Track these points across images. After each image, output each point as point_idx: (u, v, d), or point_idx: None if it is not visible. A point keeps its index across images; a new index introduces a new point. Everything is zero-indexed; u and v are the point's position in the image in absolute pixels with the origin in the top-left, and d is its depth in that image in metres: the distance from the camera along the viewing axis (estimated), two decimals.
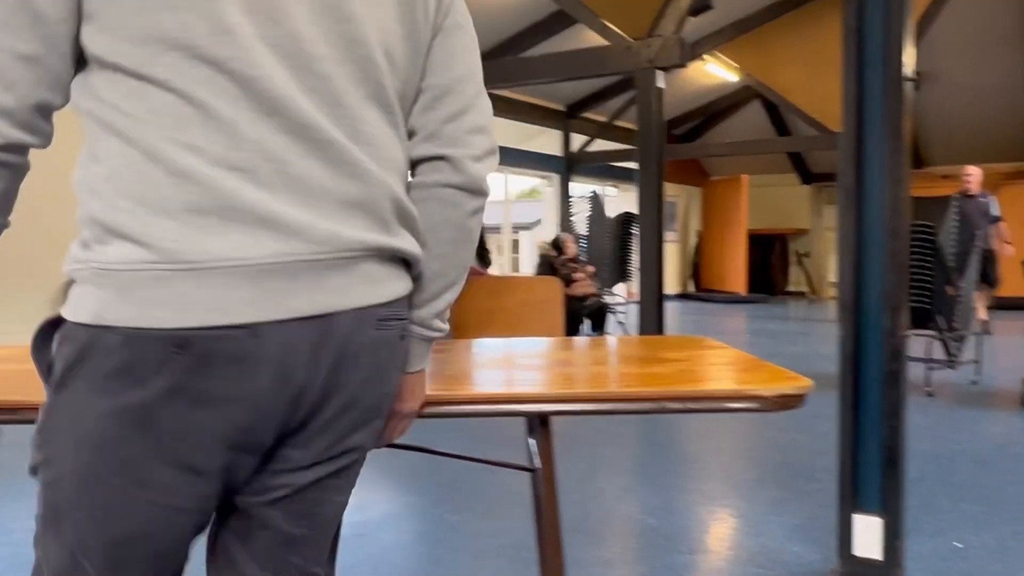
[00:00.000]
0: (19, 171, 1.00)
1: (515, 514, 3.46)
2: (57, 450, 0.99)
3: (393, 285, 1.09)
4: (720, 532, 3.50)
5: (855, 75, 2.85)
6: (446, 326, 1.24)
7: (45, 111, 0.97)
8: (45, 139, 1.00)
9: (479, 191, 1.17)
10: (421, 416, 1.39)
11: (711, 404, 1.48)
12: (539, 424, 1.62)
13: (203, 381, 0.94)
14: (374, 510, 3.65)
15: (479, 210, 1.19)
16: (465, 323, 6.59)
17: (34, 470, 1.02)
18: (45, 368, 1.01)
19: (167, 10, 0.90)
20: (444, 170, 1.14)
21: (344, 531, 3.44)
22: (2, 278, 6.25)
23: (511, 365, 2.05)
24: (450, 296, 1.22)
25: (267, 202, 0.94)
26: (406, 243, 1.10)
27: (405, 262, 1.12)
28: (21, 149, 0.97)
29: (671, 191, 15.12)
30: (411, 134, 1.16)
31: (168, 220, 0.91)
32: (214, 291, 0.92)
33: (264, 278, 0.95)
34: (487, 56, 10.69)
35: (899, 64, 2.79)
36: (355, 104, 1.03)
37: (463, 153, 1.14)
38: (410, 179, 1.17)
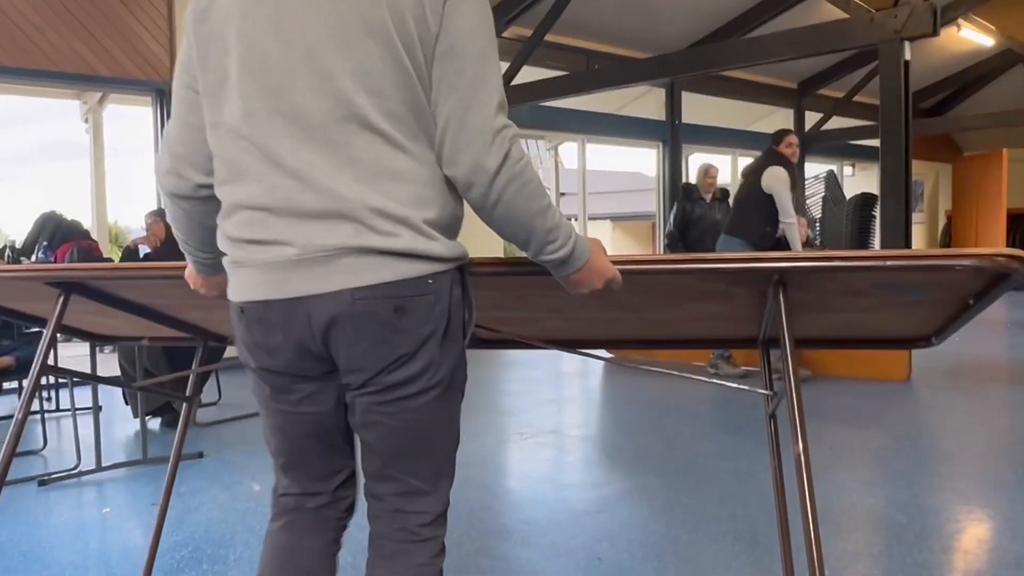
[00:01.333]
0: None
1: (751, 501, 3.45)
2: None
3: (374, 273, 1.47)
4: (978, 532, 3.30)
5: None
6: (556, 254, 1.58)
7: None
8: None
9: (481, 197, 1.50)
10: (640, 273, 1.76)
11: (928, 262, 1.63)
12: (775, 290, 1.77)
13: (248, 335, 1.58)
14: (611, 488, 3.79)
15: (497, 203, 1.50)
16: None
17: None
18: None
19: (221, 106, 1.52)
20: (460, 188, 1.53)
21: (584, 507, 3.63)
22: None
23: None
24: (535, 245, 1.57)
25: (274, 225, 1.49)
26: (390, 242, 1.46)
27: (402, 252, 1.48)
28: None
29: (917, 169, 14.03)
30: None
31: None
32: (246, 279, 1.54)
33: (270, 271, 1.48)
34: (714, 38, 10.45)
35: None
36: (345, 139, 1.45)
37: (462, 173, 1.50)
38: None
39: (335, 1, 1.46)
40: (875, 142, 6.79)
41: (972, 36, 11.10)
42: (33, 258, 5.90)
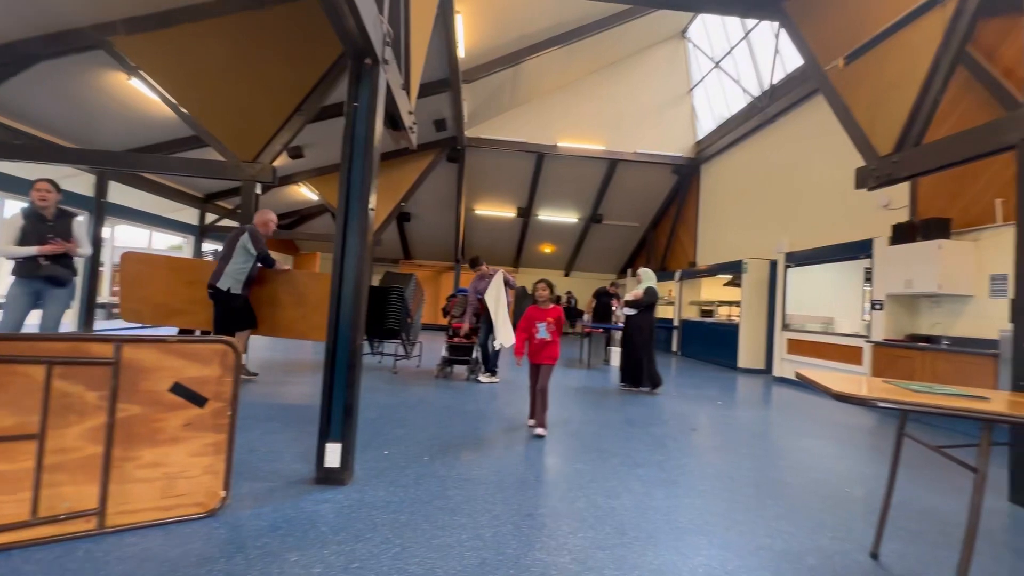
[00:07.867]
0: None
1: None
2: None
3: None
4: (304, 456, 3.05)
5: (345, 206, 2.87)
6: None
7: None
8: None
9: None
10: None
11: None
12: None
13: None
14: None
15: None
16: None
17: None
18: None
19: None
20: None
21: None
22: None
23: None
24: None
25: None
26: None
27: None
28: None
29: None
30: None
31: None
32: None
33: None
34: (142, 151, 8.42)
35: (367, 202, 2.89)
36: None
37: None
38: None
39: None
40: None
41: (307, 192, 11.46)
42: None
